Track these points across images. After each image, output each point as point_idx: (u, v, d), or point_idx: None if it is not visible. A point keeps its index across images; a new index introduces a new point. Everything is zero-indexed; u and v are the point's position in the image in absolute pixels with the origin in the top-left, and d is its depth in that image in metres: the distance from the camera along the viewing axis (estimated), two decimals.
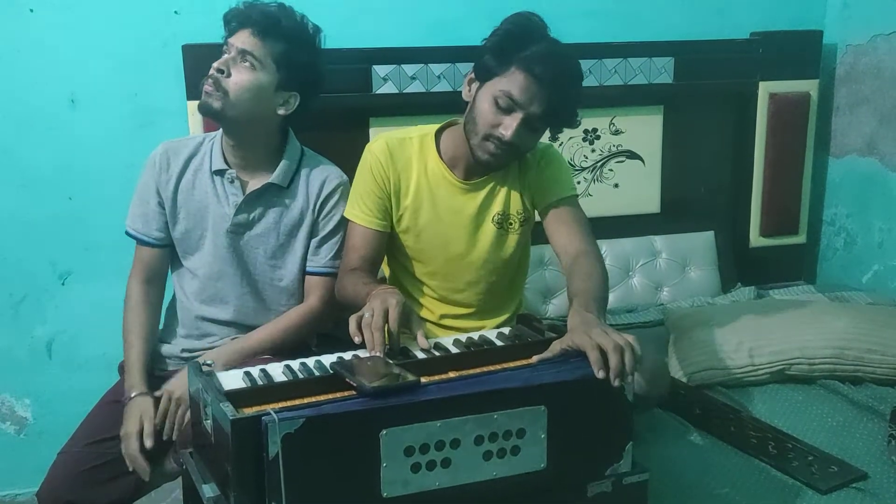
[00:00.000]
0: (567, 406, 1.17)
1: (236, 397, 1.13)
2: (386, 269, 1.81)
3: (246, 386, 1.21)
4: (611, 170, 2.48)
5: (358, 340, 1.31)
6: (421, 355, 1.32)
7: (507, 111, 1.54)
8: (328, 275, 1.73)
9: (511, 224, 1.70)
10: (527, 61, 1.51)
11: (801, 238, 2.64)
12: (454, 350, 1.36)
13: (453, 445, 1.10)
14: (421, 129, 1.72)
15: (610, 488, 1.21)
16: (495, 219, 1.69)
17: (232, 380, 1.24)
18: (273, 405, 1.09)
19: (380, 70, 2.21)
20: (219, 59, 1.63)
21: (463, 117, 1.64)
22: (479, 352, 1.35)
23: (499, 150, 1.56)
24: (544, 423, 1.15)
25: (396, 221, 1.69)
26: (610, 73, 2.37)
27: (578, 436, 1.18)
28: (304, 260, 1.75)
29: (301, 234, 1.74)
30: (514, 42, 1.54)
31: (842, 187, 2.65)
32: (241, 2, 1.67)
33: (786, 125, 2.51)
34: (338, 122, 1.82)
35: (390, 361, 1.24)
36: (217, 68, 1.61)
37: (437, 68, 2.24)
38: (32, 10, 2.10)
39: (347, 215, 1.70)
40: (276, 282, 1.75)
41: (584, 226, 1.64)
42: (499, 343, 1.40)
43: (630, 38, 2.40)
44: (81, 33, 2.13)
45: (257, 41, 1.62)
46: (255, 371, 1.28)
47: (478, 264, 1.71)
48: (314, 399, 1.15)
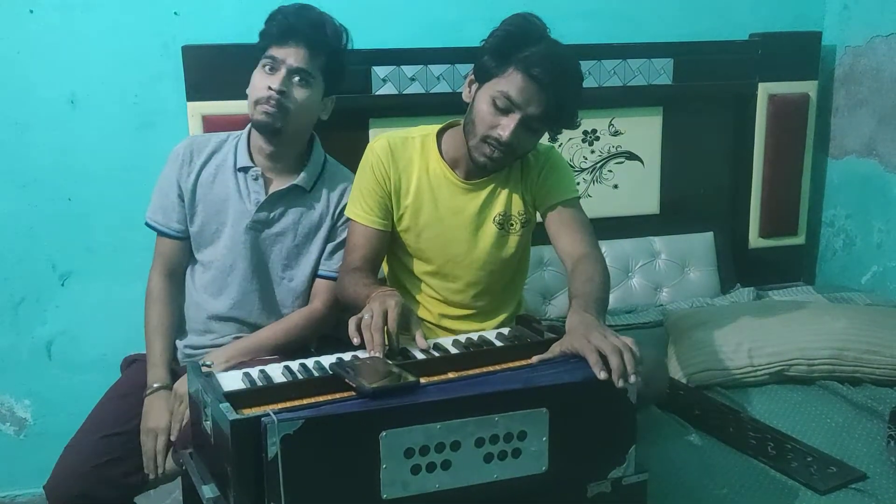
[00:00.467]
0: (569, 408, 1.16)
1: (236, 398, 1.13)
2: (385, 268, 1.81)
3: (245, 387, 1.21)
4: (610, 171, 2.48)
5: (357, 342, 1.31)
6: (420, 356, 1.32)
7: (504, 112, 1.53)
8: (336, 280, 1.74)
9: (512, 225, 1.70)
10: (525, 62, 1.50)
11: (800, 239, 2.64)
12: (453, 350, 1.36)
13: (453, 447, 1.10)
14: (423, 130, 1.72)
15: (609, 488, 1.21)
16: (496, 219, 1.69)
17: (231, 381, 1.24)
18: (272, 406, 1.10)
19: (379, 71, 2.22)
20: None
21: (464, 118, 1.64)
22: (478, 352, 1.34)
23: (496, 152, 1.56)
24: (546, 426, 1.14)
25: (397, 220, 1.69)
26: (609, 74, 2.37)
27: (581, 438, 1.18)
28: (317, 263, 1.77)
29: (318, 237, 1.76)
30: (512, 43, 1.53)
31: (841, 188, 2.65)
32: (284, 8, 1.67)
33: (785, 126, 2.51)
34: (337, 122, 1.82)
35: (390, 362, 1.24)
36: (278, 90, 1.62)
37: (436, 69, 2.25)
38: (32, 11, 2.10)
39: (348, 214, 1.70)
40: (287, 281, 1.76)
41: (586, 228, 1.64)
42: (498, 343, 1.40)
43: (629, 40, 2.40)
44: (81, 34, 2.13)
45: (308, 57, 1.65)
46: (255, 372, 1.28)
47: (478, 264, 1.70)
48: (314, 400, 1.15)
